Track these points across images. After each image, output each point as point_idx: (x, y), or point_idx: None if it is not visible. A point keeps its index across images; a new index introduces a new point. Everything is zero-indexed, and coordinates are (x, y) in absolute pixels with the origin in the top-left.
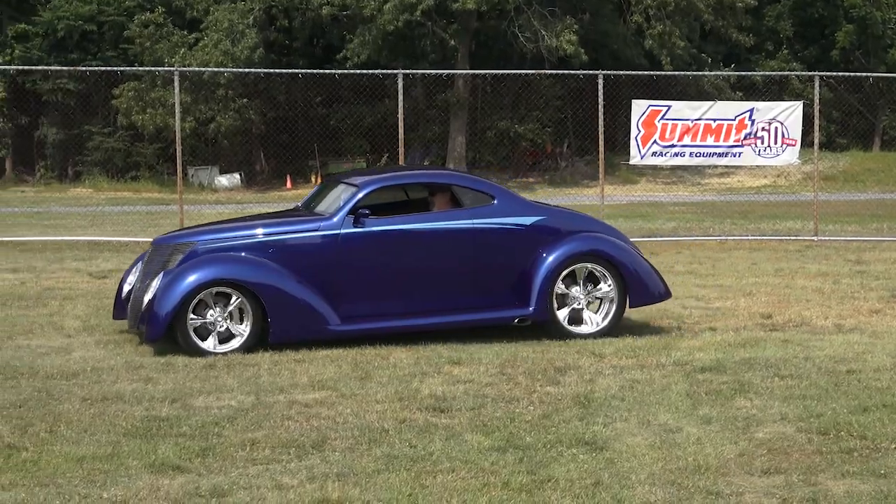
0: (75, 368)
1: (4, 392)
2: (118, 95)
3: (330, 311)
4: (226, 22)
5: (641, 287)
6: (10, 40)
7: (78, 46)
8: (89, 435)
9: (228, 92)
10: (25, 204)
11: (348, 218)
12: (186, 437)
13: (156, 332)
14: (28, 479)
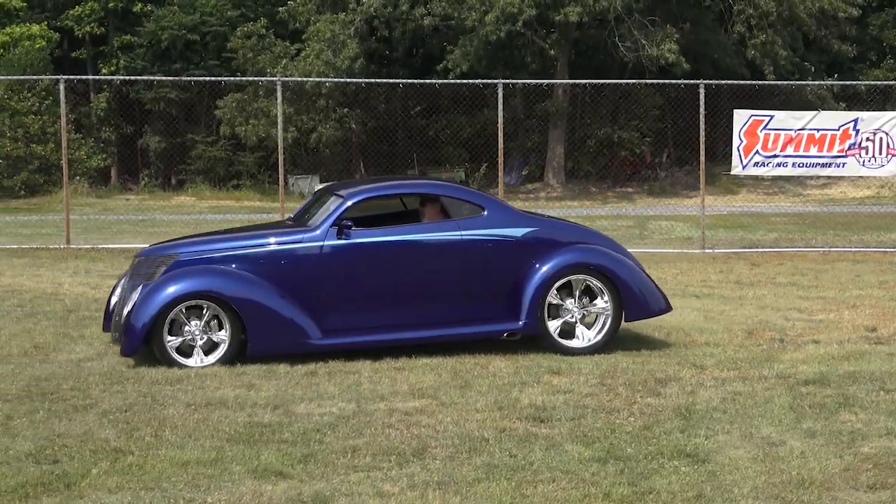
0: (180, 374)
1: (111, 396)
2: (221, 106)
3: (311, 324)
4: (327, 32)
5: (638, 301)
6: (116, 51)
7: (181, 56)
8: (193, 440)
9: (329, 102)
10: (130, 212)
11: (332, 229)
12: (288, 443)
13: (132, 345)
14: (134, 482)
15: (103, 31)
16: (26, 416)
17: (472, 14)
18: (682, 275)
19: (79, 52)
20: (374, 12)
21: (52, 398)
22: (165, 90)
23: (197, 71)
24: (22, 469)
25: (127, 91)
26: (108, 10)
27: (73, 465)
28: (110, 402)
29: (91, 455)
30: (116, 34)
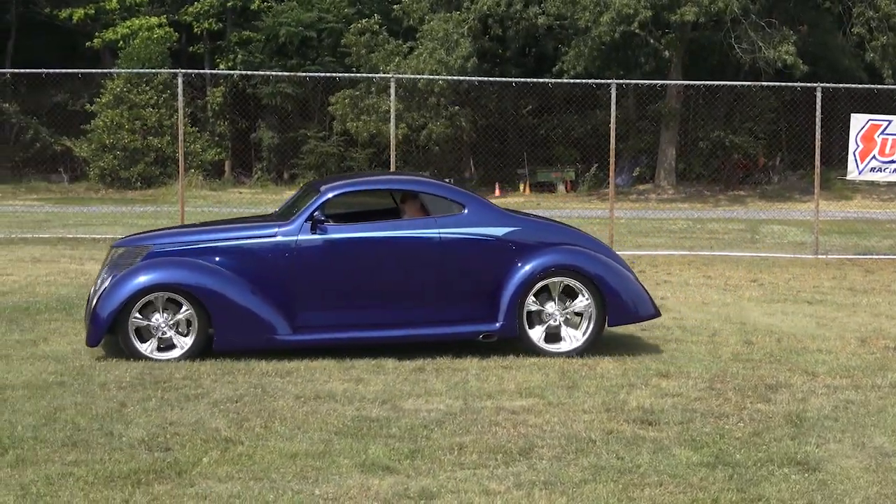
0: (290, 367)
1: (222, 387)
2: (334, 102)
3: (280, 320)
4: (440, 31)
5: (622, 305)
6: (233, 46)
7: (297, 52)
8: (302, 432)
9: (441, 100)
10: (242, 205)
11: (306, 224)
12: (396, 438)
13: (96, 335)
14: (243, 472)
15: (221, 27)
16: (139, 403)
17: (587, 14)
18: (794, 280)
19: (196, 47)
20: (487, 11)
21: (165, 387)
22: (281, 85)
23: (312, 67)
24: (135, 455)
25: (243, 86)
26: (226, 6)
27: (184, 453)
28: (221, 393)
29: (202, 444)
30: (234, 30)
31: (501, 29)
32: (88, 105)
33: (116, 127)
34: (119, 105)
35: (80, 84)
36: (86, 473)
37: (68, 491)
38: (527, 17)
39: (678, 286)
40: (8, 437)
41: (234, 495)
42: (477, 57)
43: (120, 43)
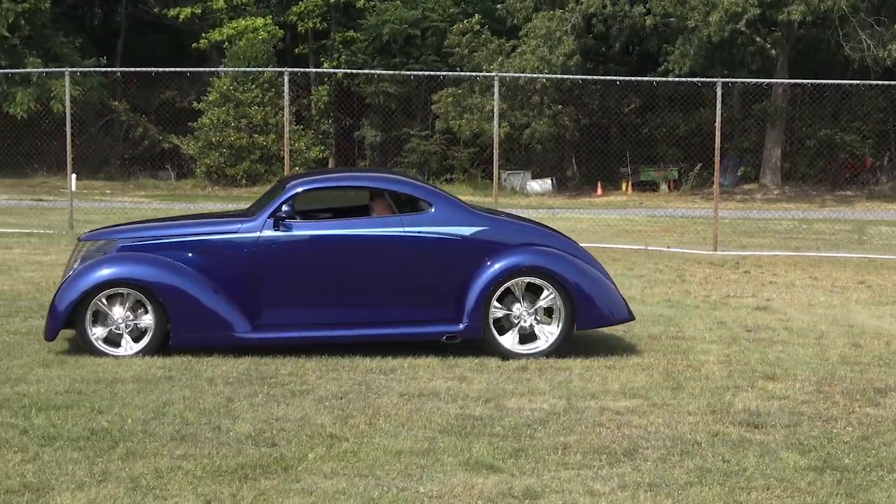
0: (393, 364)
1: (327, 383)
2: (437, 101)
3: (240, 317)
4: (544, 29)
5: (591, 308)
6: (337, 45)
7: (401, 51)
8: (406, 429)
9: (543, 98)
10: None
11: (269, 221)
12: (500, 437)
13: (53, 329)
14: (348, 469)
15: (325, 26)
16: (246, 399)
17: (695, 14)
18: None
19: (301, 46)
20: (592, 11)
21: (271, 383)
22: (385, 84)
23: (416, 66)
24: (242, 450)
25: (347, 84)
26: (330, 5)
27: (290, 448)
28: (326, 389)
29: (308, 440)
30: (338, 29)
31: (605, 27)
32: (196, 103)
33: (223, 125)
34: (225, 103)
35: (187, 82)
36: (194, 467)
37: (177, 484)
38: (632, 17)
39: (784, 287)
40: (118, 431)
41: (339, 491)
42: (580, 55)
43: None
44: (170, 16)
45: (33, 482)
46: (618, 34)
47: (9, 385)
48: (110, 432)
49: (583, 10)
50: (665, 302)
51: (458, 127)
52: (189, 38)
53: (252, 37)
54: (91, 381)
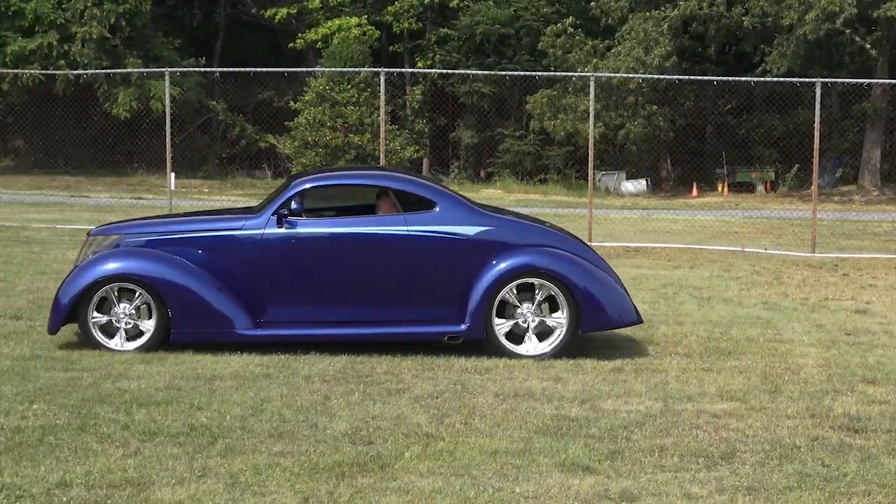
0: (488, 364)
1: (423, 382)
2: (532, 101)
3: (241, 314)
4: (640, 31)
5: (596, 310)
6: (432, 45)
7: (495, 51)
8: (502, 430)
9: (638, 98)
10: None
11: (272, 218)
12: (595, 438)
13: (55, 323)
14: (444, 468)
15: (420, 26)
16: (343, 397)
17: (791, 13)
18: None
19: (396, 45)
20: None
21: (367, 381)
22: (479, 84)
23: (509, 66)
24: (338, 448)
25: (441, 84)
26: (425, 5)
27: (386, 447)
28: (422, 388)
29: (404, 438)
30: (433, 28)
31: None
32: (292, 103)
33: (319, 124)
34: (321, 103)
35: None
36: (292, 464)
37: (275, 481)
38: (729, 17)
39: (884, 290)
40: (217, 427)
41: (435, 490)
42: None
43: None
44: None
45: (135, 477)
46: (714, 35)
47: (110, 381)
48: (209, 428)
49: (680, 11)
50: (762, 304)
51: (552, 127)
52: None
53: (345, 35)
54: (190, 378)
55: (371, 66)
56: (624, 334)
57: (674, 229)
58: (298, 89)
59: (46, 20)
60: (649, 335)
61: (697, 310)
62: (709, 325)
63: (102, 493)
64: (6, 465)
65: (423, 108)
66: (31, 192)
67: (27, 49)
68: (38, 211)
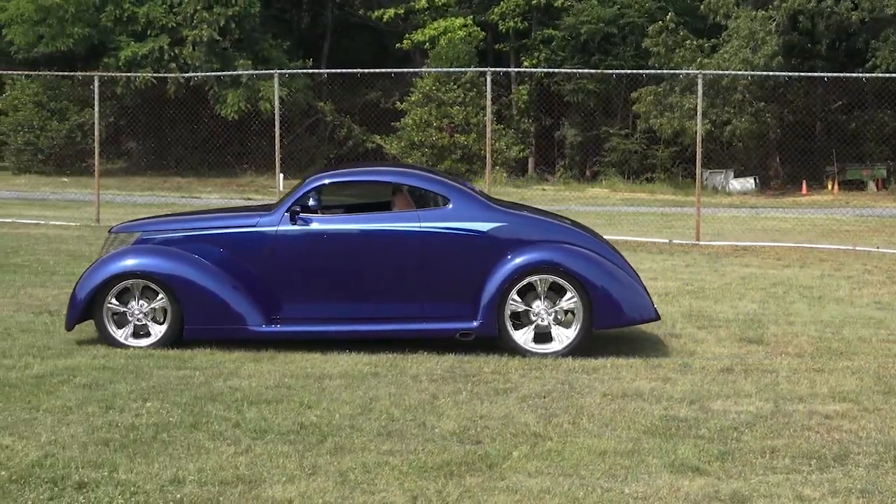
0: (596, 363)
1: (530, 382)
2: (636, 99)
3: (253, 311)
4: (746, 30)
5: (610, 306)
6: (538, 44)
7: (599, 49)
8: (610, 430)
9: (745, 96)
10: (546, 201)
11: (286, 215)
12: (705, 439)
13: (71, 319)
14: (552, 468)
15: (526, 25)
16: (450, 396)
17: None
18: None
19: (502, 45)
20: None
21: (474, 380)
22: (583, 82)
23: (614, 63)
24: (447, 447)
25: (547, 83)
26: (531, 5)
27: (494, 446)
28: (529, 388)
29: (512, 438)
30: (538, 28)
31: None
32: (399, 103)
33: (425, 125)
34: (428, 103)
35: (391, 83)
36: (400, 463)
37: (384, 479)
38: (838, 12)
39: None
40: (327, 425)
41: (543, 490)
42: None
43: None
44: (374, 17)
45: (246, 474)
46: (824, 31)
47: (221, 379)
48: (319, 427)
49: (788, 7)
50: (874, 304)
51: (659, 126)
52: (393, 40)
53: (452, 36)
54: (300, 377)
55: (476, 65)
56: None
57: (783, 228)
58: (405, 90)
59: (158, 24)
60: (759, 335)
61: (808, 309)
62: (820, 325)
63: (215, 490)
64: (121, 462)
65: (528, 108)
66: (143, 194)
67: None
68: (149, 212)
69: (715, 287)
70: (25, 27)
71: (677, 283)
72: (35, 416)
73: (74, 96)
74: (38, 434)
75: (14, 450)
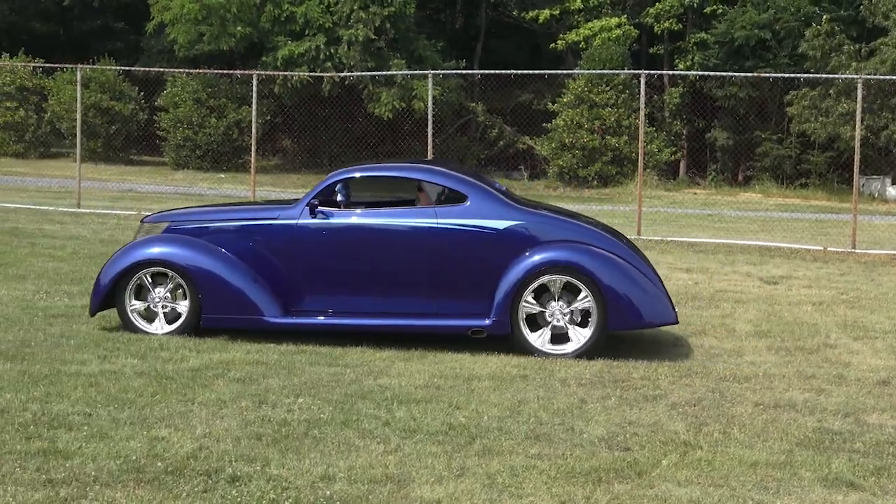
0: (747, 372)
1: (680, 389)
2: (790, 103)
3: (270, 302)
4: None
5: (625, 308)
6: (691, 47)
7: (753, 53)
8: (762, 441)
9: None
10: (697, 206)
11: (306, 209)
12: (860, 453)
13: (94, 306)
14: (702, 477)
15: (681, 27)
16: (599, 401)
17: None
18: None
19: (656, 47)
20: None
21: (624, 386)
22: (735, 88)
23: (767, 68)
24: (595, 453)
25: (700, 86)
26: (685, 6)
27: (643, 454)
28: (679, 395)
29: (661, 446)
30: (693, 31)
31: None
32: (550, 105)
33: (576, 126)
34: (579, 105)
35: (543, 84)
36: (548, 467)
37: (532, 483)
38: None
39: None
40: (475, 427)
41: (693, 500)
42: None
43: (582, 44)
44: (528, 18)
45: (395, 473)
46: None
47: (372, 377)
48: (467, 428)
49: None
50: None
51: (813, 130)
52: (545, 41)
53: (606, 37)
54: (449, 377)
55: (629, 68)
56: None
57: None
58: (556, 91)
59: (315, 24)
60: None
61: None
62: None
63: (364, 488)
64: (273, 457)
65: (681, 111)
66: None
67: (296, 52)
68: None
69: (871, 297)
70: (188, 26)
71: (832, 291)
72: (190, 409)
73: (232, 94)
74: (193, 426)
75: (170, 441)
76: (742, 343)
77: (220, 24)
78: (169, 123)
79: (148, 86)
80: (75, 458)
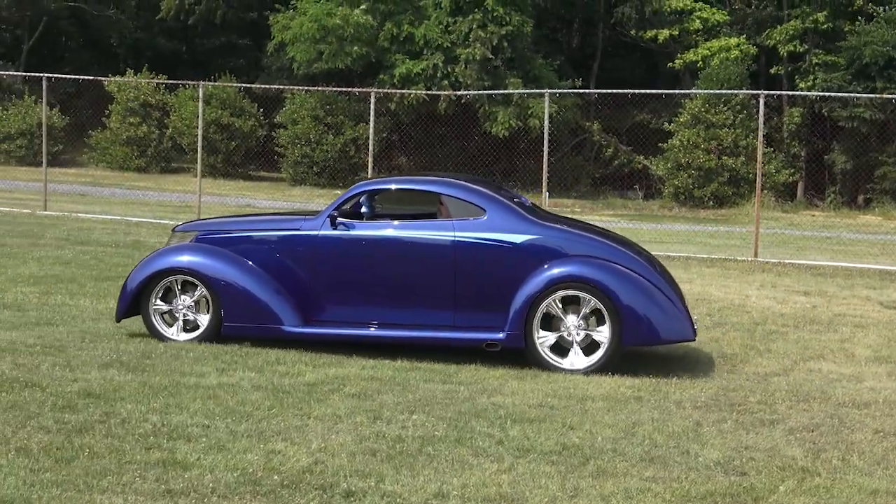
0: (867, 398)
1: (797, 414)
2: None
3: (290, 312)
4: None
5: (640, 324)
6: (813, 67)
7: (881, 74)
8: (882, 468)
9: None
10: (815, 228)
11: (328, 220)
12: None
13: (120, 311)
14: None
15: (804, 48)
16: (715, 425)
17: None
18: None
19: (776, 67)
20: None
21: (740, 409)
22: (859, 110)
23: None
24: (711, 477)
25: (820, 107)
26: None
27: (759, 479)
28: (797, 420)
29: (778, 471)
30: (816, 51)
31: None
32: (667, 124)
33: (692, 146)
34: (696, 125)
35: (660, 104)
36: (663, 490)
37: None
38: None
39: None
40: (589, 448)
41: None
42: None
43: (700, 64)
44: (646, 38)
45: (508, 492)
46: None
47: (485, 395)
48: (581, 448)
49: None
50: None
51: None
52: (662, 60)
53: (724, 56)
54: (562, 397)
55: (748, 87)
56: None
57: None
58: (673, 111)
59: (434, 44)
60: None
61: None
62: None
63: None
64: (387, 473)
65: (800, 131)
66: None
67: (414, 71)
68: None
69: None
70: (307, 45)
71: None
72: (306, 423)
73: (350, 111)
74: (308, 441)
75: (286, 455)
76: (862, 368)
77: (338, 44)
78: (287, 140)
79: (267, 103)
80: (194, 469)
